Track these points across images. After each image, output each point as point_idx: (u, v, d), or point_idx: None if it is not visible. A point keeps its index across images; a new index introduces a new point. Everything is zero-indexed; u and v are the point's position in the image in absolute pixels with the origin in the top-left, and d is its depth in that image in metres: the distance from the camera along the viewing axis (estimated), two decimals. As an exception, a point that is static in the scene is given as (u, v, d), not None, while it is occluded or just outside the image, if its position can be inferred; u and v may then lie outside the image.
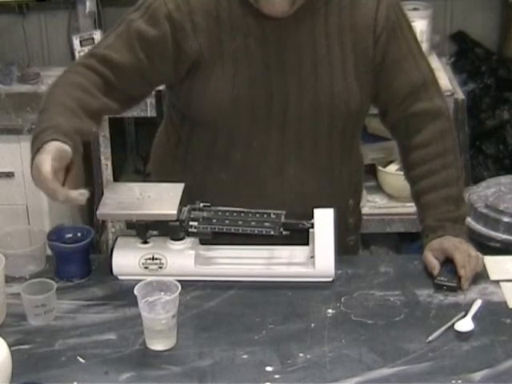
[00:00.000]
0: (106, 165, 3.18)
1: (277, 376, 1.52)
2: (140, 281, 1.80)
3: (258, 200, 1.84)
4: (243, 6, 1.77)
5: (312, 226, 1.78)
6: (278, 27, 1.79)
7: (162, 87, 2.01)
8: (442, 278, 1.78)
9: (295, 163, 1.88)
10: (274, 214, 1.80)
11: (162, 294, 1.62)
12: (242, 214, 1.79)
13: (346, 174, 1.96)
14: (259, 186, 1.88)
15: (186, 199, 1.81)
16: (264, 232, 1.78)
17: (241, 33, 1.79)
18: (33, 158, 1.62)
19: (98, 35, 3.34)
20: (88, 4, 3.30)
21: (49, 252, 1.85)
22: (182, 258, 1.80)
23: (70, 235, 1.86)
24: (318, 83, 1.82)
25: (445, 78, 3.18)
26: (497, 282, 1.79)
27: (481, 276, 1.80)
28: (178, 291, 1.60)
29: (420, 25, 3.21)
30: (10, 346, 1.50)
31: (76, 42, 3.35)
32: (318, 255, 1.76)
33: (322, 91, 1.82)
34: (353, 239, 2.05)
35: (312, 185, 1.90)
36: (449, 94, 3.02)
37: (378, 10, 1.82)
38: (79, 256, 1.82)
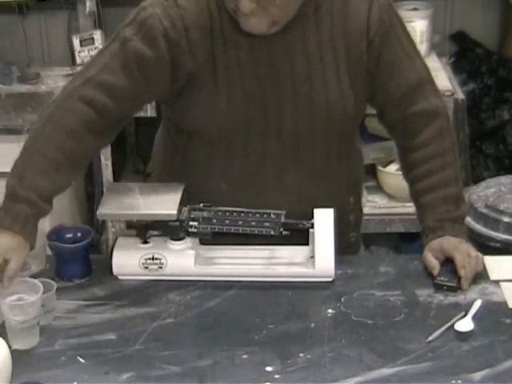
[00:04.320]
0: (106, 165, 3.18)
1: (277, 376, 1.52)
2: (140, 281, 1.81)
3: (257, 207, 1.83)
4: (232, 20, 1.75)
5: (312, 226, 1.78)
6: (267, 39, 1.77)
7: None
8: (442, 278, 1.78)
9: (293, 170, 1.87)
10: (273, 214, 1.80)
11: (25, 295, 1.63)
12: (242, 214, 1.80)
13: (344, 174, 1.95)
14: (258, 193, 1.87)
15: (186, 199, 1.81)
16: (264, 232, 1.79)
17: (232, 47, 1.78)
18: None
19: (98, 35, 3.34)
20: (88, 4, 3.30)
21: (49, 252, 1.85)
22: (182, 258, 1.80)
23: (70, 235, 1.86)
24: (313, 92, 1.81)
25: (445, 78, 3.18)
26: (497, 282, 1.79)
27: (481, 276, 1.80)
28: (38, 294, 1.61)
29: (420, 25, 3.21)
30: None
31: (76, 41, 3.35)
32: (318, 255, 1.76)
33: (316, 99, 1.81)
34: (354, 235, 2.05)
35: (311, 189, 1.90)
36: (449, 94, 3.02)
37: (370, 14, 1.81)
38: (79, 256, 1.82)
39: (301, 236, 1.81)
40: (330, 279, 1.79)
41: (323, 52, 1.80)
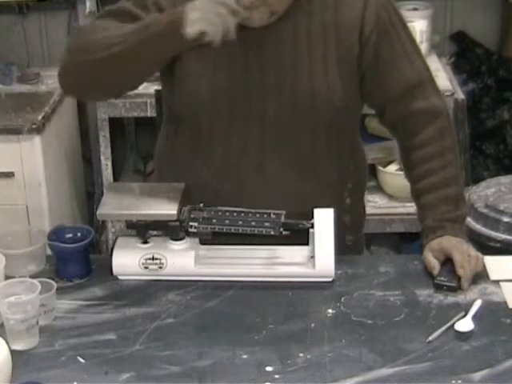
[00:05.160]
0: (106, 165, 3.18)
1: (277, 376, 1.52)
2: (140, 281, 1.81)
3: (239, 197, 1.84)
4: None
5: (312, 226, 1.78)
6: None
7: (160, 87, 2.02)
8: (442, 278, 1.78)
9: (276, 161, 1.87)
10: (273, 213, 1.80)
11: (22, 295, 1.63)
12: (242, 214, 1.80)
13: (335, 172, 1.94)
14: (240, 183, 1.88)
15: (186, 199, 1.81)
16: (264, 232, 1.79)
17: None
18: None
19: (98, 35, 3.34)
20: (88, 4, 3.30)
21: (49, 252, 1.85)
22: (182, 258, 1.80)
23: (70, 235, 1.86)
24: (298, 80, 1.82)
25: (445, 78, 3.18)
26: (497, 281, 1.79)
27: (481, 276, 1.80)
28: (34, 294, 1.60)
29: (420, 25, 3.21)
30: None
31: (76, 41, 3.34)
32: (318, 255, 1.76)
33: (301, 89, 1.82)
34: (351, 239, 2.04)
35: (295, 183, 1.89)
36: (449, 94, 3.02)
37: (365, 10, 1.82)
38: (79, 256, 1.82)
39: (301, 236, 1.81)
40: (330, 279, 1.79)
41: (312, 42, 1.82)
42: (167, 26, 1.67)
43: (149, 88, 2.89)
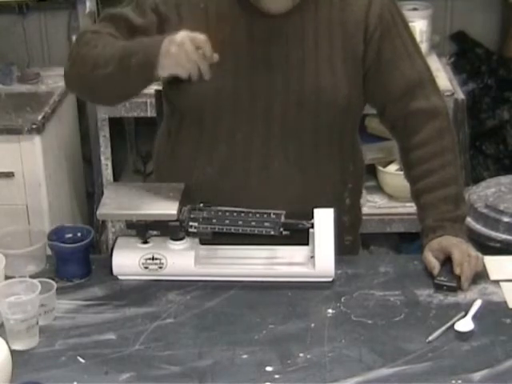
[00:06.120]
0: (106, 165, 3.18)
1: (277, 376, 1.52)
2: (140, 281, 1.81)
3: (242, 193, 1.85)
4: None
5: (312, 226, 1.78)
6: (266, 21, 1.80)
7: (161, 87, 2.02)
8: (442, 278, 1.78)
9: (280, 158, 1.88)
10: (273, 213, 1.80)
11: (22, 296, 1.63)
12: (242, 214, 1.80)
13: (337, 172, 1.95)
14: (243, 179, 1.88)
15: (186, 199, 1.81)
16: (264, 232, 1.79)
17: (228, 25, 1.80)
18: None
19: (97, 35, 3.34)
20: (88, 4, 3.30)
21: (49, 252, 1.85)
22: (182, 258, 1.80)
23: (70, 235, 1.86)
24: (304, 78, 1.82)
25: (445, 78, 3.18)
26: (497, 281, 1.79)
27: (481, 276, 1.80)
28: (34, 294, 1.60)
29: (420, 25, 3.21)
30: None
31: (76, 41, 3.34)
32: (318, 255, 1.76)
33: (307, 86, 1.83)
34: (349, 239, 2.04)
35: (297, 180, 1.90)
36: (449, 94, 3.02)
37: (369, 8, 1.83)
38: (79, 256, 1.82)
39: (301, 236, 1.81)
40: (330, 279, 1.79)
41: (319, 40, 1.82)
42: (142, 65, 1.72)
43: (149, 88, 2.88)
